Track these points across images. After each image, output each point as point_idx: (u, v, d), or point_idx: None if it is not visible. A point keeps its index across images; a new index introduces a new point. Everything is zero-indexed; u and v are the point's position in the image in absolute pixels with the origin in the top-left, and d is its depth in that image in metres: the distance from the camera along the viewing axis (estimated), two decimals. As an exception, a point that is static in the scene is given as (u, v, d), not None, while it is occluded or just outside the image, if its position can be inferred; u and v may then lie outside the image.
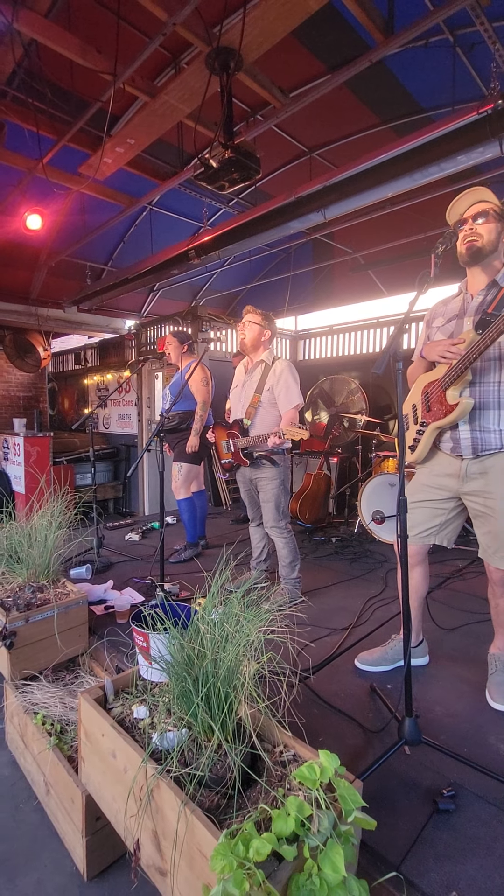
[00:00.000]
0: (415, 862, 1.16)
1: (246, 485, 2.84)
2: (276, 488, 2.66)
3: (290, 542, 2.72)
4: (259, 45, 2.20)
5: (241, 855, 0.91)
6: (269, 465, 2.65)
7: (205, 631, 1.25)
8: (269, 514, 2.70)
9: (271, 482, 2.66)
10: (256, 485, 2.75)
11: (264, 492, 2.70)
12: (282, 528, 2.71)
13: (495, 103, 2.08)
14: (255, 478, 2.74)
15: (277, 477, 2.66)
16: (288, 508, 2.78)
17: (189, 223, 5.22)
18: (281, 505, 2.69)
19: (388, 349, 1.37)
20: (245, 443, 2.67)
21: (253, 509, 2.89)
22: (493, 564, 1.75)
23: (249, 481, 2.80)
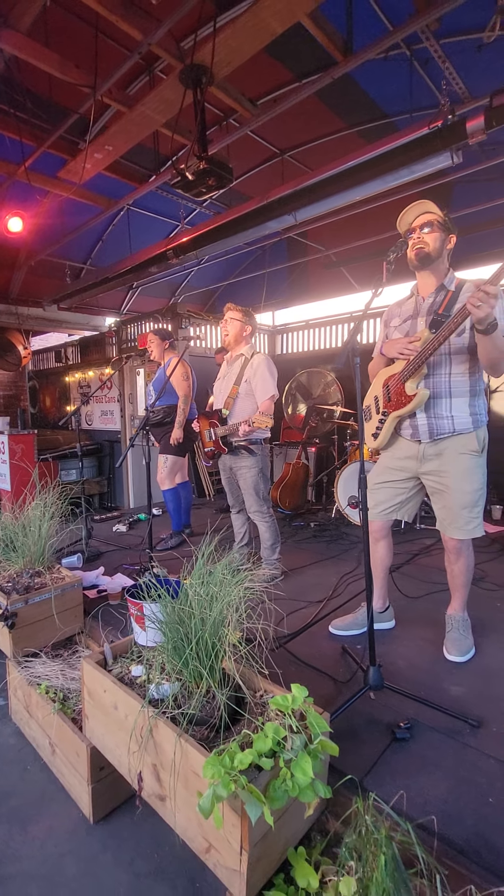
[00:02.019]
0: (374, 777, 1.38)
1: (226, 472, 3.02)
2: (254, 476, 2.84)
3: (272, 526, 2.92)
4: (229, 63, 2.36)
5: (227, 766, 1.11)
6: (246, 454, 2.84)
7: (192, 594, 1.44)
8: (251, 501, 2.89)
9: (250, 470, 2.85)
10: (236, 473, 2.93)
11: (243, 480, 2.89)
12: (264, 513, 2.89)
13: (444, 119, 2.29)
14: (234, 466, 2.92)
15: (255, 465, 2.84)
16: (268, 494, 2.96)
17: (166, 222, 5.34)
18: (261, 491, 2.87)
19: (346, 345, 1.57)
20: (223, 431, 2.85)
21: (233, 497, 3.08)
22: (448, 534, 1.98)
23: (229, 469, 2.98)
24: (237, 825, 1.09)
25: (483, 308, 1.51)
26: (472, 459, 1.89)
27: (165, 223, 5.36)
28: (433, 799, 1.31)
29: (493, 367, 1.76)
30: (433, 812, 1.25)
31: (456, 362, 1.87)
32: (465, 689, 1.79)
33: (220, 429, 2.88)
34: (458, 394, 1.88)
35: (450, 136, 2.37)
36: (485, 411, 1.95)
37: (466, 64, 2.68)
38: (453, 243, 1.91)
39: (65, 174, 3.42)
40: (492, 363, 1.75)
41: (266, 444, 2.95)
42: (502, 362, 1.74)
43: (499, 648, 2.08)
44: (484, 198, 4.30)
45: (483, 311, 1.52)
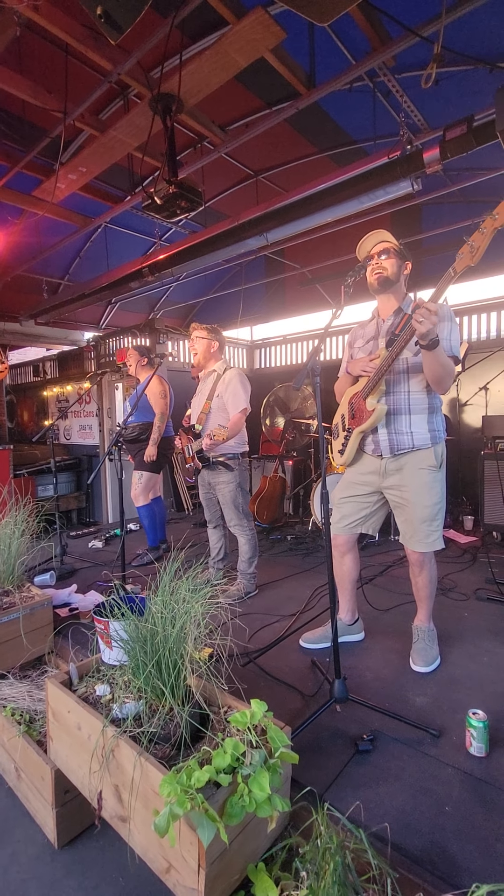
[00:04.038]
0: (336, 790, 1.40)
1: (205, 487, 3.04)
2: (232, 491, 2.86)
3: (251, 540, 2.94)
4: (197, 93, 2.44)
5: (184, 783, 1.12)
6: (223, 469, 2.87)
7: (156, 611, 1.45)
8: (230, 515, 2.91)
9: (227, 485, 2.87)
10: (215, 488, 2.95)
11: (222, 495, 2.90)
12: (244, 527, 2.92)
13: (403, 149, 2.41)
14: (213, 482, 2.95)
15: (233, 480, 2.86)
16: (248, 508, 2.98)
17: (144, 239, 5.41)
18: (240, 505, 2.89)
19: (305, 366, 1.63)
20: (196, 446, 2.88)
21: (210, 511, 3.09)
22: (410, 547, 2.04)
23: (208, 484, 3.00)
24: (195, 843, 1.10)
25: (425, 324, 1.59)
26: (431, 474, 1.96)
27: (143, 240, 5.42)
28: (392, 809, 1.33)
29: (438, 383, 1.85)
30: (391, 822, 1.28)
31: (414, 380, 1.95)
32: (429, 699, 1.83)
33: (194, 444, 2.91)
34: (417, 410, 1.96)
35: (408, 165, 2.49)
36: (443, 428, 2.02)
37: (424, 97, 2.83)
38: (409, 269, 2.02)
39: (40, 193, 3.46)
40: (436, 379, 1.84)
41: (244, 458, 2.97)
42: (446, 379, 1.83)
43: (463, 657, 2.13)
44: (450, 219, 4.48)
45: (425, 327, 1.60)
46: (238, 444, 2.89)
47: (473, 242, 1.55)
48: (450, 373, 1.83)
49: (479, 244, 1.54)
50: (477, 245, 1.55)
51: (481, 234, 1.54)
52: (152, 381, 3.60)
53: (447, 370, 1.80)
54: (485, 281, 5.10)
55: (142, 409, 3.66)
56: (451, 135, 2.31)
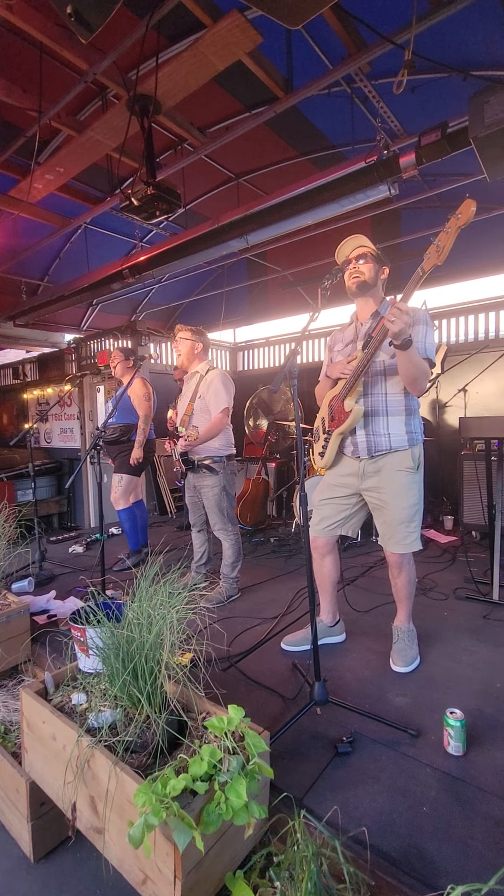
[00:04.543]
0: (315, 794, 1.39)
1: (191, 490, 3.02)
2: (216, 494, 2.84)
3: (235, 544, 2.92)
4: (175, 95, 2.43)
5: (159, 793, 1.10)
6: (208, 472, 2.84)
7: (132, 617, 1.43)
8: (214, 519, 2.89)
9: (212, 489, 2.84)
10: (200, 491, 2.93)
11: (207, 498, 2.88)
12: (228, 531, 2.89)
13: (380, 154, 2.44)
14: (198, 485, 2.92)
15: (218, 484, 2.84)
16: (233, 512, 2.95)
17: (124, 240, 5.36)
18: (224, 509, 2.86)
19: (282, 369, 1.63)
20: (180, 449, 2.85)
21: (195, 515, 3.06)
22: (388, 549, 2.05)
23: (194, 487, 2.98)
24: (170, 853, 1.08)
25: (396, 323, 1.62)
26: (408, 476, 1.97)
27: (124, 241, 5.38)
28: (371, 811, 1.33)
29: (412, 383, 1.88)
30: (370, 824, 1.28)
31: (391, 383, 1.97)
32: (409, 699, 1.84)
33: (177, 447, 2.89)
34: (394, 412, 1.98)
35: (385, 169, 2.52)
36: (420, 430, 2.05)
37: (400, 103, 2.86)
38: (386, 274, 2.04)
39: (16, 193, 3.40)
40: (410, 380, 1.86)
41: (230, 462, 2.94)
42: (420, 379, 1.85)
43: (442, 657, 2.15)
44: (427, 224, 4.55)
45: (397, 326, 1.62)
46: (223, 447, 2.87)
47: (439, 242, 1.59)
48: (424, 374, 1.85)
49: (445, 244, 1.57)
50: (443, 245, 1.58)
51: (446, 233, 1.57)
52: (135, 383, 3.57)
53: (421, 371, 1.83)
54: (464, 285, 5.19)
55: (123, 410, 3.62)
56: (425, 140, 2.34)
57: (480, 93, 2.16)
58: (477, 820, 1.29)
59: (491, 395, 4.85)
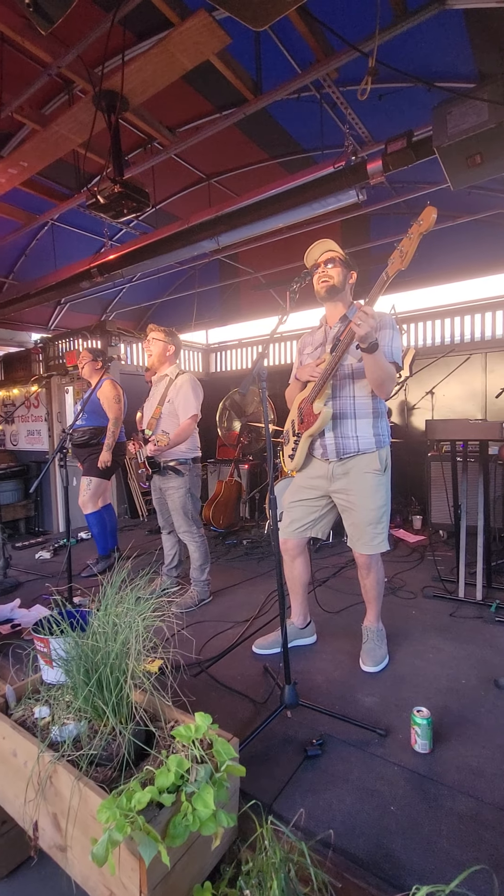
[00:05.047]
0: (284, 799, 1.39)
1: (157, 493, 2.99)
2: (181, 497, 2.81)
3: (201, 547, 2.88)
4: (142, 92, 2.40)
5: (124, 807, 1.07)
6: (173, 474, 2.82)
7: (97, 626, 1.39)
8: (179, 521, 2.86)
9: (177, 491, 2.82)
10: (165, 493, 2.90)
11: (171, 500, 2.86)
12: (193, 533, 2.86)
13: (347, 159, 2.47)
14: (163, 487, 2.89)
15: (183, 486, 2.82)
16: (198, 514, 2.93)
17: (93, 238, 5.25)
18: (189, 511, 2.84)
19: (251, 371, 1.62)
20: (146, 451, 2.83)
21: (163, 518, 3.03)
22: (357, 550, 2.08)
23: (159, 490, 2.95)
24: (136, 868, 1.05)
25: (363, 326, 1.64)
26: (376, 478, 2.00)
27: (93, 240, 5.27)
28: (339, 813, 1.34)
29: (379, 386, 1.90)
30: (338, 827, 1.29)
31: (358, 386, 1.99)
32: (378, 698, 1.87)
33: (144, 449, 2.85)
34: (362, 415, 2.01)
35: (354, 175, 2.56)
36: (387, 432, 2.08)
37: (368, 110, 2.91)
38: (354, 278, 2.07)
39: (-23, 187, 3.28)
40: (377, 382, 1.89)
41: (196, 464, 2.93)
42: (387, 382, 1.88)
43: (410, 655, 2.19)
44: (396, 230, 4.64)
45: (363, 329, 1.64)
46: (189, 450, 2.86)
47: (403, 248, 1.62)
48: (390, 377, 1.88)
49: (408, 249, 1.61)
50: (406, 250, 1.61)
51: (409, 239, 1.60)
52: (105, 385, 3.50)
53: (387, 374, 1.86)
54: (431, 290, 5.33)
55: (92, 412, 3.54)
56: (392, 148, 2.39)
57: (444, 104, 2.22)
58: (442, 817, 1.31)
59: (457, 398, 4.99)
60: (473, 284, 5.12)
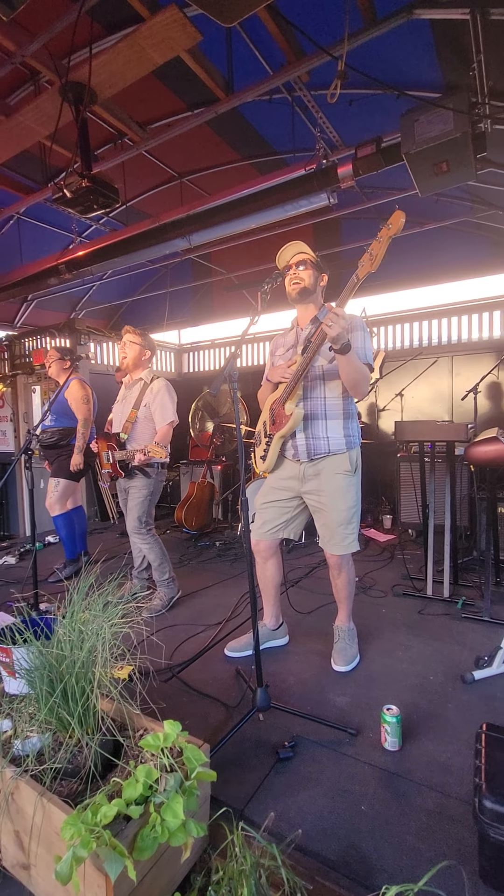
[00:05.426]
0: (256, 803, 1.38)
1: (122, 494, 2.95)
2: (142, 497, 2.79)
3: (154, 547, 2.83)
4: (111, 86, 2.34)
5: (89, 822, 1.03)
6: (141, 475, 2.79)
7: (62, 634, 1.35)
8: (132, 522, 2.81)
9: (140, 491, 2.79)
10: (128, 491, 2.87)
11: (132, 499, 2.83)
12: (143, 534, 2.82)
13: (318, 163, 2.49)
14: (127, 486, 2.86)
15: (146, 487, 2.79)
16: (150, 517, 2.87)
17: (62, 234, 5.11)
18: (143, 515, 2.80)
19: (222, 372, 1.60)
20: (120, 455, 2.79)
21: None
22: (328, 551, 2.09)
23: (124, 490, 2.91)
24: (102, 885, 1.01)
25: (334, 327, 1.65)
26: (346, 479, 2.02)
27: (62, 236, 5.12)
28: (310, 816, 1.34)
29: (354, 387, 1.92)
30: (310, 829, 1.28)
31: (329, 387, 2.01)
32: (349, 698, 1.88)
33: (117, 453, 2.81)
34: (333, 416, 2.02)
35: (324, 178, 2.58)
36: (357, 434, 2.10)
37: (339, 114, 2.94)
38: (325, 281, 2.08)
39: None
40: (351, 384, 1.90)
41: (163, 470, 2.90)
42: (361, 383, 1.90)
43: (380, 653, 2.22)
44: (366, 235, 4.72)
45: (334, 331, 1.65)
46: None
47: (372, 251, 1.64)
48: (364, 378, 1.90)
49: (377, 252, 1.63)
50: (375, 253, 1.63)
51: (378, 242, 1.62)
52: (73, 385, 3.41)
53: (362, 375, 1.88)
54: (401, 294, 5.43)
55: (61, 413, 3.45)
56: (362, 153, 2.42)
57: (412, 111, 2.27)
58: (411, 814, 1.33)
59: (425, 400, 5.11)
60: (441, 289, 5.26)
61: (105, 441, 2.89)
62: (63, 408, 3.43)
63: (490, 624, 2.48)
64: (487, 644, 2.26)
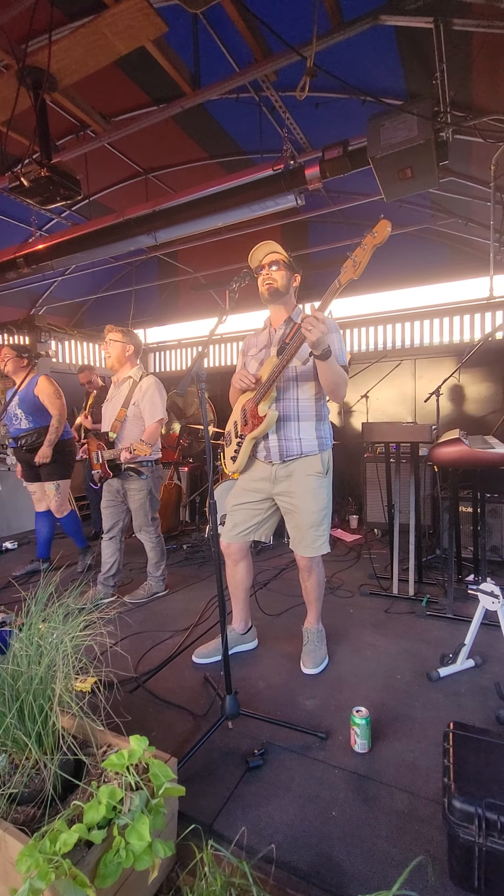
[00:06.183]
0: (225, 817, 1.33)
1: (112, 495, 2.91)
2: (143, 497, 2.85)
3: (157, 545, 2.97)
4: (72, 73, 2.25)
5: (47, 851, 0.97)
6: (135, 476, 2.80)
7: (18, 648, 1.26)
8: (140, 520, 2.89)
9: (140, 492, 2.84)
10: (126, 495, 2.88)
11: (134, 501, 2.86)
12: (151, 532, 2.93)
13: (286, 164, 2.48)
14: (127, 488, 2.88)
15: (145, 487, 2.84)
16: (156, 513, 2.98)
17: (21, 227, 4.90)
18: (149, 512, 2.89)
19: (189, 371, 1.56)
20: (108, 455, 2.77)
21: (112, 520, 2.93)
22: (299, 553, 2.08)
23: (117, 492, 2.90)
24: (62, 917, 0.95)
25: (314, 332, 1.64)
26: (317, 481, 2.01)
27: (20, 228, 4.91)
28: (281, 825, 1.31)
29: (333, 391, 1.92)
30: (281, 840, 1.25)
31: (302, 389, 2.00)
32: (318, 700, 1.87)
33: (105, 452, 2.79)
34: (305, 417, 2.01)
35: (292, 179, 2.58)
36: (330, 435, 2.11)
37: (306, 117, 2.96)
38: (298, 282, 2.08)
39: None
40: (331, 387, 1.90)
41: (157, 466, 2.96)
42: (341, 386, 1.91)
43: (349, 654, 2.23)
44: (333, 238, 4.78)
45: (314, 335, 1.64)
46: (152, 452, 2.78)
47: (356, 258, 1.63)
48: (344, 381, 1.91)
49: (361, 259, 1.63)
50: (359, 260, 1.63)
51: (363, 249, 1.62)
52: (41, 381, 3.31)
53: (341, 378, 1.89)
54: (365, 298, 5.53)
55: (35, 412, 3.31)
56: (329, 155, 2.43)
57: (378, 115, 2.29)
58: (382, 817, 1.32)
59: (389, 401, 5.21)
60: (403, 294, 5.39)
61: (96, 441, 2.85)
62: (35, 407, 3.29)
63: (453, 620, 2.54)
64: (451, 640, 2.30)
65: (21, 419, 3.31)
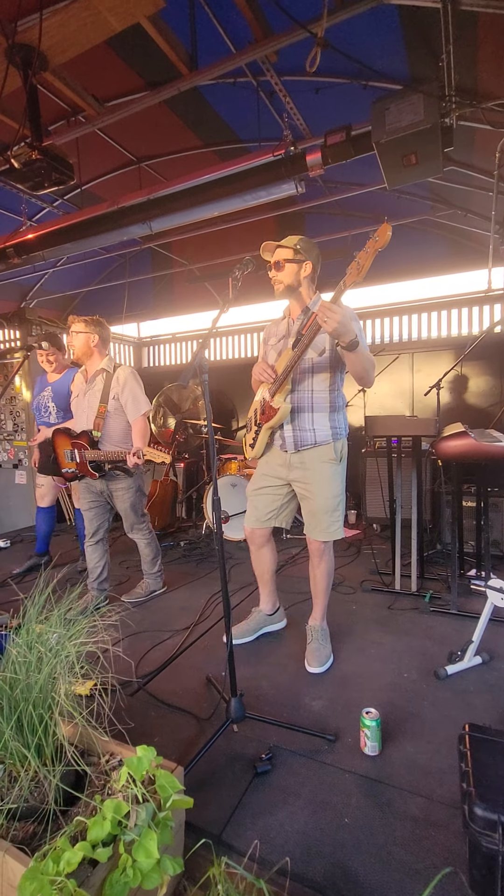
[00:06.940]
0: (234, 826, 1.28)
1: (94, 496, 2.75)
2: (132, 496, 2.74)
3: (151, 542, 2.90)
4: (64, 51, 2.15)
5: (50, 872, 0.91)
6: (123, 475, 2.68)
7: (16, 655, 1.20)
8: (131, 520, 2.80)
9: (128, 491, 2.71)
10: (112, 495, 2.73)
11: (121, 500, 2.72)
12: (143, 530, 2.86)
13: (286, 149, 2.41)
14: (112, 488, 2.71)
15: (133, 485, 2.74)
16: (145, 510, 2.91)
17: (10, 217, 4.77)
18: (138, 509, 2.81)
19: (192, 363, 1.49)
20: (96, 455, 2.58)
21: (96, 522, 2.78)
22: (313, 537, 2.09)
23: (100, 493, 2.74)
24: (66, 942, 0.89)
25: (329, 322, 1.64)
26: (332, 468, 2.03)
27: (10, 218, 4.78)
28: (293, 834, 1.26)
29: (363, 377, 1.94)
30: (293, 849, 1.21)
31: (317, 380, 2.00)
32: (325, 701, 1.82)
33: (91, 452, 2.59)
34: (319, 409, 2.02)
35: (292, 165, 2.50)
36: (345, 426, 2.12)
37: (306, 102, 2.87)
38: (309, 270, 2.03)
39: None
40: (360, 373, 1.92)
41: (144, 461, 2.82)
42: (369, 370, 1.93)
43: (353, 652, 2.19)
44: (329, 229, 4.70)
45: (330, 326, 1.65)
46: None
47: (360, 260, 1.64)
48: (372, 365, 1.93)
49: (364, 263, 1.64)
50: (362, 263, 1.64)
51: (366, 252, 1.63)
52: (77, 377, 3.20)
53: (370, 363, 1.90)
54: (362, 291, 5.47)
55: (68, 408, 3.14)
56: (331, 140, 2.36)
57: (382, 99, 2.22)
58: (396, 823, 1.28)
59: (387, 395, 5.17)
60: (402, 287, 5.33)
61: (68, 438, 2.68)
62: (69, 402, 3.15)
63: (457, 616, 2.51)
64: (456, 637, 2.27)
65: (52, 413, 3.24)
